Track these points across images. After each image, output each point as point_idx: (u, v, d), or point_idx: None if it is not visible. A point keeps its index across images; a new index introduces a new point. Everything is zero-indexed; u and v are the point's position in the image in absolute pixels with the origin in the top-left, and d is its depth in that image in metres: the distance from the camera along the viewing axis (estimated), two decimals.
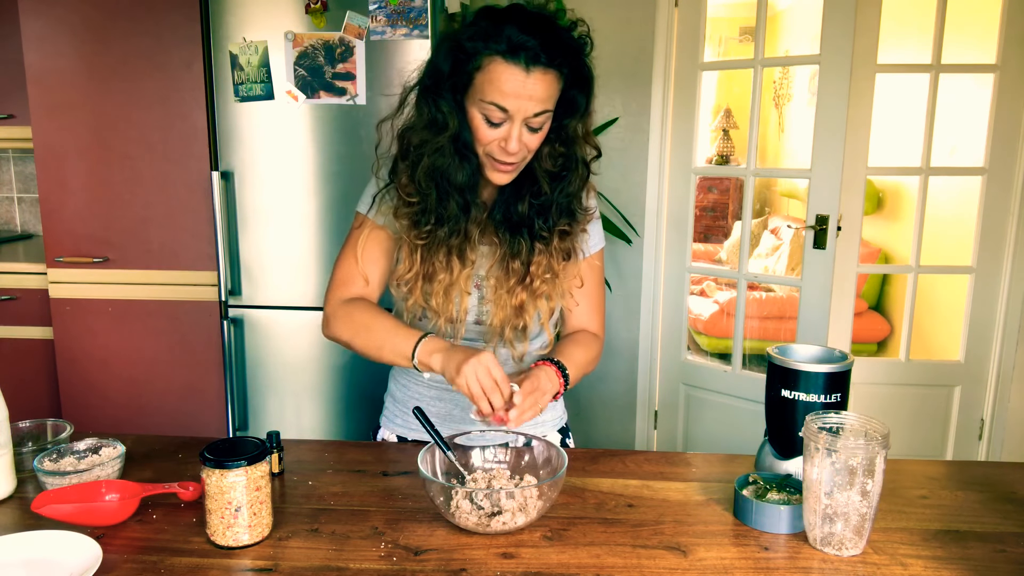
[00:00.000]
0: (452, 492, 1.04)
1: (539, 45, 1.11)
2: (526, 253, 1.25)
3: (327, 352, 2.50)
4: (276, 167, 2.42)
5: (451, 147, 1.18)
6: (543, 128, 1.18)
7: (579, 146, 1.24)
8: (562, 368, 1.22)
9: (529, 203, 1.24)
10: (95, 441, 1.19)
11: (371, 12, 2.28)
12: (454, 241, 1.23)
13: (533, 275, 1.25)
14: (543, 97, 1.13)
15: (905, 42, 3.40)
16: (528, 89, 1.12)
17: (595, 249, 1.36)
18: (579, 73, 1.17)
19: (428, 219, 1.22)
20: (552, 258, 1.26)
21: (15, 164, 3.28)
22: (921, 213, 2.74)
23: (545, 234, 1.25)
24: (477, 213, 1.24)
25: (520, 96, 1.13)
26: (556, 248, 1.26)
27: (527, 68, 1.11)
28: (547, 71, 1.12)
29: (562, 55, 1.13)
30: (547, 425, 1.42)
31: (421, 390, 1.38)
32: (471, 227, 1.24)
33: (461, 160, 1.19)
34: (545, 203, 1.24)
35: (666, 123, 2.87)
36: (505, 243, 1.26)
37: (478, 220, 1.25)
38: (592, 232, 1.34)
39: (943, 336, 3.33)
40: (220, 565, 0.95)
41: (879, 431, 0.98)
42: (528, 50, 1.11)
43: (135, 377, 2.59)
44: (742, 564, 0.96)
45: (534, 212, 1.24)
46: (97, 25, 2.41)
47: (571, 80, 1.17)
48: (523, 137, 1.16)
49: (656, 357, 3.05)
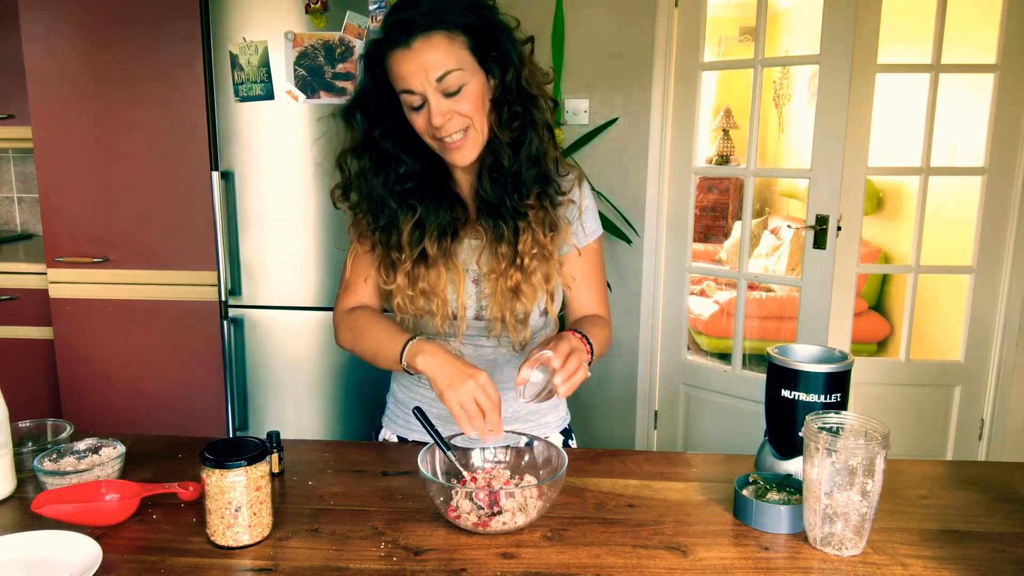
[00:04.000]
0: (452, 492, 1.04)
1: (412, 16, 1.12)
2: (509, 233, 1.24)
3: (327, 352, 2.50)
4: (276, 167, 2.42)
5: (396, 154, 1.22)
6: (464, 90, 1.15)
7: (529, 102, 1.20)
8: (585, 337, 1.19)
9: (493, 179, 1.23)
10: (95, 441, 1.19)
11: (371, 12, 2.28)
12: (428, 243, 1.24)
13: (522, 253, 1.24)
14: (437, 60, 1.12)
15: (905, 42, 3.40)
16: (417, 60, 1.12)
17: (593, 237, 1.35)
18: (483, 23, 1.15)
19: (390, 232, 1.25)
20: (537, 232, 1.24)
21: (15, 164, 3.28)
22: (921, 213, 2.74)
23: (522, 209, 1.23)
24: (441, 211, 1.25)
25: (415, 71, 1.13)
26: (538, 221, 1.24)
27: (408, 43, 1.12)
28: (429, 34, 1.12)
29: (443, 14, 1.12)
30: (550, 426, 1.41)
31: (423, 391, 1.38)
32: (436, 225, 1.24)
33: (412, 159, 1.22)
34: (512, 174, 1.22)
35: (666, 123, 2.87)
36: (489, 230, 1.26)
37: (445, 216, 1.25)
38: (588, 219, 1.33)
39: (943, 336, 3.33)
40: (220, 565, 0.95)
41: (879, 431, 0.98)
42: (402, 27, 1.12)
43: (135, 377, 2.59)
44: (742, 564, 0.96)
45: (504, 188, 1.23)
46: (97, 25, 2.41)
47: (477, 33, 1.15)
48: (444, 106, 1.14)
49: (656, 357, 3.05)
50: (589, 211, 1.34)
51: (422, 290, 1.25)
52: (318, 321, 2.48)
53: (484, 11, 1.16)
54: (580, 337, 1.17)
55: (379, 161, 1.23)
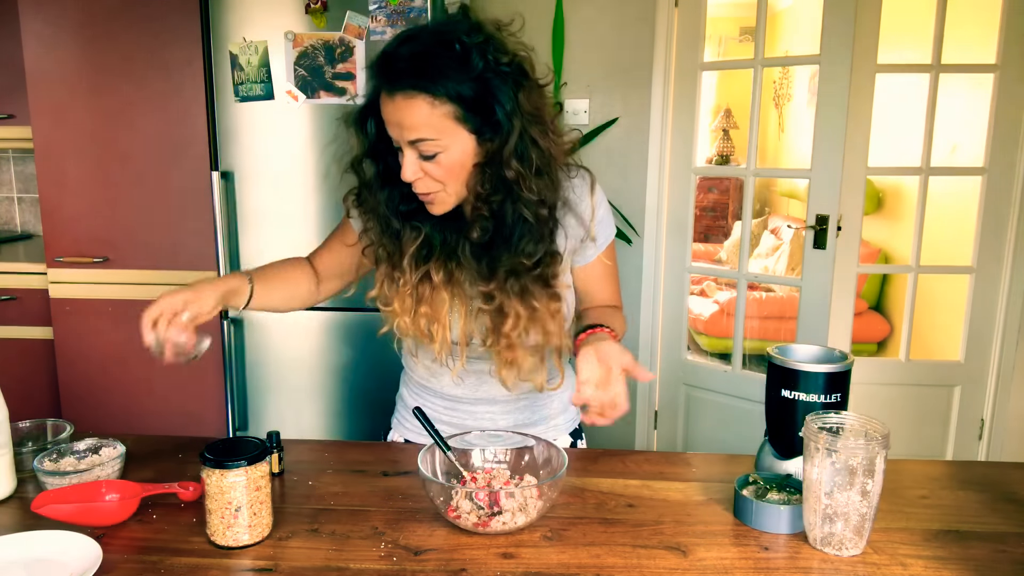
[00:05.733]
0: (452, 492, 1.04)
1: (395, 66, 1.04)
2: (486, 299, 1.16)
3: (327, 352, 2.50)
4: (276, 167, 2.42)
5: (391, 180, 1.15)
6: (440, 156, 1.07)
7: (516, 175, 1.08)
8: (609, 329, 1.13)
9: (466, 242, 1.14)
10: (95, 441, 1.19)
11: (371, 12, 2.28)
12: (433, 267, 1.17)
13: (506, 333, 1.15)
14: (413, 123, 1.04)
15: (905, 42, 3.40)
16: (396, 115, 1.05)
17: (607, 242, 1.28)
18: (478, 91, 1.04)
19: (392, 252, 1.20)
20: (517, 308, 1.14)
21: (15, 164, 3.28)
22: (921, 213, 2.74)
23: (491, 288, 1.14)
24: (448, 233, 1.17)
25: (392, 123, 1.07)
26: (516, 292, 1.14)
27: (391, 93, 1.05)
28: (410, 95, 1.03)
29: (431, 78, 1.02)
30: (560, 428, 1.39)
31: (433, 400, 1.36)
32: (442, 248, 1.17)
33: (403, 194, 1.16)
34: (483, 246, 1.13)
35: (666, 123, 2.87)
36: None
37: (452, 239, 1.17)
38: (603, 228, 1.25)
39: (943, 336, 3.33)
40: (220, 565, 0.95)
41: (879, 431, 0.98)
42: (388, 71, 1.05)
43: (135, 377, 2.59)
44: (742, 564, 0.96)
45: (472, 253, 1.14)
46: (97, 25, 2.41)
47: (468, 102, 1.05)
48: (416, 165, 1.07)
49: (656, 357, 3.05)
50: (604, 221, 1.25)
51: (424, 314, 1.20)
52: (318, 321, 2.48)
53: (488, 75, 1.04)
54: (607, 331, 1.12)
55: (384, 175, 1.16)
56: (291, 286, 1.32)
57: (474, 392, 1.33)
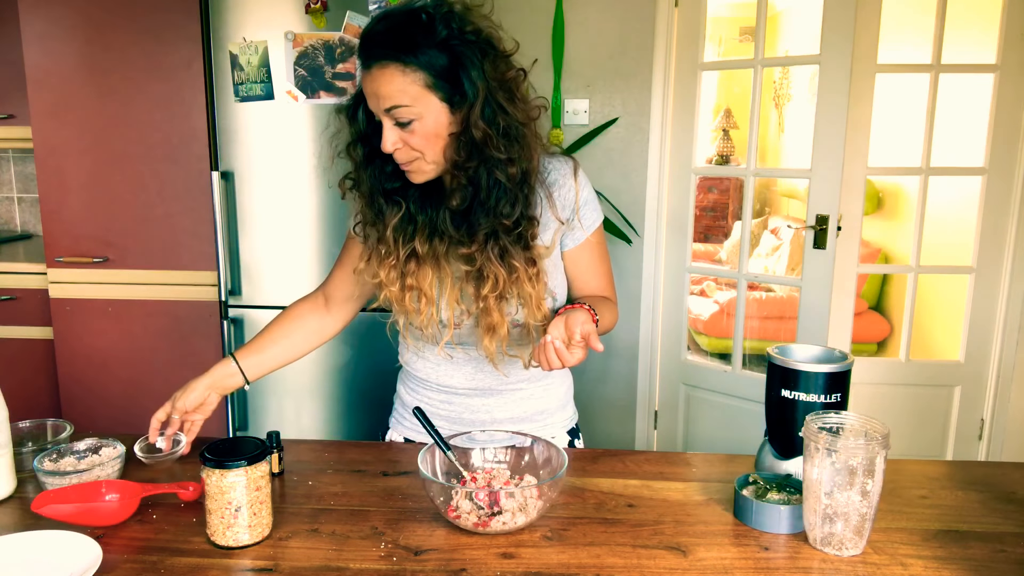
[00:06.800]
0: (452, 492, 1.04)
1: (372, 41, 1.12)
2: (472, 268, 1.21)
3: (327, 352, 2.50)
4: (276, 167, 2.42)
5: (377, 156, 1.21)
6: (414, 124, 1.13)
7: (484, 135, 1.14)
8: (588, 307, 1.17)
9: (447, 212, 1.20)
10: (95, 441, 1.19)
11: (371, 12, 2.28)
12: (418, 241, 1.22)
13: (485, 296, 1.20)
14: (387, 92, 1.12)
15: (905, 42, 3.40)
16: (371, 85, 1.13)
17: (594, 228, 1.31)
18: (448, 61, 1.11)
19: (376, 227, 1.25)
20: (497, 271, 1.19)
21: (15, 164, 3.28)
22: (921, 213, 2.74)
23: (472, 248, 1.19)
24: (430, 210, 1.22)
25: (370, 94, 1.14)
26: (494, 259, 1.19)
27: (367, 67, 1.13)
28: (384, 65, 1.11)
29: (401, 47, 1.10)
30: (557, 426, 1.40)
31: (430, 394, 1.37)
32: (427, 224, 1.22)
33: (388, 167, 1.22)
34: (461, 212, 1.19)
35: (666, 123, 2.87)
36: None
37: (435, 215, 1.22)
38: (587, 212, 1.29)
39: (943, 336, 3.33)
40: (220, 565, 0.95)
41: (879, 431, 0.98)
42: (364, 48, 1.13)
43: (135, 377, 2.59)
44: (742, 564, 0.96)
45: (453, 221, 1.20)
46: (97, 25, 2.41)
47: (438, 71, 1.12)
48: (393, 134, 1.14)
49: (656, 357, 3.05)
50: (589, 203, 1.29)
51: (410, 286, 1.24)
52: None
53: (454, 42, 1.11)
54: (588, 309, 1.16)
55: (369, 156, 1.23)
56: (287, 336, 1.40)
57: (470, 381, 1.33)
